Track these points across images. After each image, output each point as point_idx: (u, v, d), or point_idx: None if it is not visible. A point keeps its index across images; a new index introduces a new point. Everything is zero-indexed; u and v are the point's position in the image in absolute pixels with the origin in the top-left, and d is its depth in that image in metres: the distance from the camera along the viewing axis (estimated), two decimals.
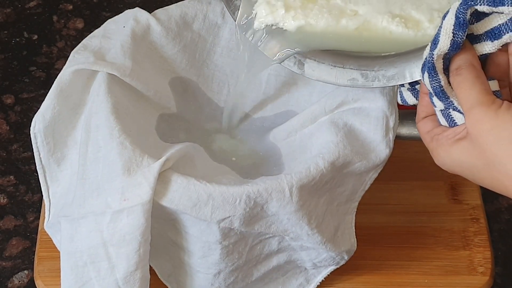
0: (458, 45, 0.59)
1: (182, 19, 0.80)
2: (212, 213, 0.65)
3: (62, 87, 0.72)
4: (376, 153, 0.70)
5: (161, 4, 0.81)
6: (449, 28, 0.58)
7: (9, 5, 1.10)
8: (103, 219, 0.66)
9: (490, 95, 0.57)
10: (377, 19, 0.67)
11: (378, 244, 0.77)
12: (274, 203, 0.65)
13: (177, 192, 0.65)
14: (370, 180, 0.72)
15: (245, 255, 0.69)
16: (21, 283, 0.84)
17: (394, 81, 0.66)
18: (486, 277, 0.79)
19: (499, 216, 0.90)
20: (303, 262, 0.73)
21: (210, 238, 0.67)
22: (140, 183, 0.65)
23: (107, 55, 0.75)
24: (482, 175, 0.58)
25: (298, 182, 0.66)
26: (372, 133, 0.71)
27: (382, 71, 0.67)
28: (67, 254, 0.69)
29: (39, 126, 0.73)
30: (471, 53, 0.60)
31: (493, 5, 0.57)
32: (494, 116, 0.56)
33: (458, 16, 0.58)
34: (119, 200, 0.65)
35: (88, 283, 0.68)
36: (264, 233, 0.68)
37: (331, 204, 0.70)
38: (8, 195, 0.91)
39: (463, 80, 0.58)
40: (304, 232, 0.68)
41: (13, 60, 1.04)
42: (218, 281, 0.71)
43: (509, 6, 0.57)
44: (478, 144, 0.57)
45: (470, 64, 0.59)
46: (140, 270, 0.66)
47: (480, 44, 0.60)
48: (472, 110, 0.57)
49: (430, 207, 0.84)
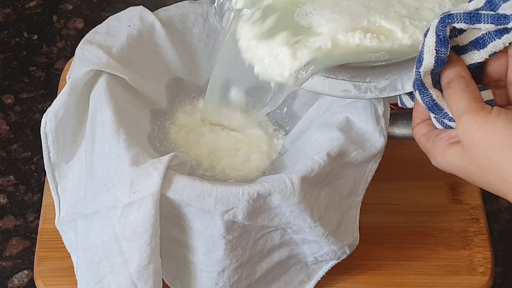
0: (443, 61, 0.59)
1: (182, 23, 0.80)
2: (216, 204, 0.65)
3: (75, 86, 0.72)
4: (371, 142, 0.71)
5: (161, 4, 0.81)
6: (431, 46, 0.59)
7: (9, 5, 1.10)
8: (115, 214, 0.66)
9: (478, 103, 0.57)
10: (348, 37, 0.66)
11: (378, 244, 0.77)
12: (277, 196, 0.66)
13: (181, 182, 0.66)
14: (371, 171, 0.72)
15: (248, 250, 0.70)
16: (21, 283, 0.84)
17: (386, 93, 0.67)
18: (486, 277, 0.79)
19: (499, 216, 0.90)
20: (304, 256, 0.73)
21: (214, 232, 0.67)
22: (150, 173, 0.65)
23: (111, 53, 0.75)
24: (477, 179, 0.58)
25: (298, 173, 0.67)
26: (363, 124, 0.71)
27: (373, 82, 0.67)
28: (83, 250, 0.69)
29: (50, 126, 0.73)
30: (459, 65, 0.60)
31: (469, 22, 0.58)
32: (484, 123, 0.56)
33: (438, 34, 0.59)
34: (129, 193, 0.66)
35: (104, 279, 0.69)
36: (267, 226, 0.68)
37: (332, 197, 0.70)
38: (8, 195, 0.91)
39: (453, 92, 0.59)
40: (306, 225, 0.68)
41: (13, 60, 1.04)
42: (223, 280, 0.71)
43: (486, 23, 0.58)
44: (471, 150, 0.57)
45: (459, 75, 0.60)
46: (153, 264, 0.67)
47: (467, 55, 0.61)
48: (461, 118, 0.57)
49: (430, 207, 0.84)
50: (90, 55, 0.74)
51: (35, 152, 0.95)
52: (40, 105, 0.99)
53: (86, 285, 0.70)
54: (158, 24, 0.78)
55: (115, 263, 0.67)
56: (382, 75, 0.67)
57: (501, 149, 0.55)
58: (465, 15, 0.58)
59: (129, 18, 0.78)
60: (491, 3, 0.59)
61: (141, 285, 0.67)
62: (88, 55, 0.74)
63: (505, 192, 0.56)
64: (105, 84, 0.73)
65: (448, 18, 0.58)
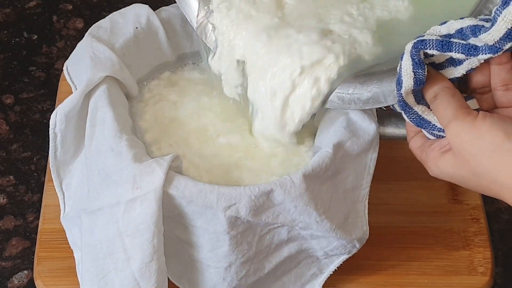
0: (421, 81, 0.61)
1: (182, 27, 0.80)
2: (218, 199, 0.65)
3: (88, 88, 0.73)
4: (363, 130, 0.71)
5: (161, 4, 0.81)
6: (408, 69, 0.61)
7: (8, 5, 1.10)
8: (118, 210, 0.67)
9: (465, 109, 0.59)
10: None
11: (378, 244, 0.77)
12: (279, 190, 0.66)
13: (183, 179, 0.66)
14: (372, 161, 0.72)
15: (254, 246, 0.69)
16: (21, 283, 0.84)
17: (370, 104, 0.68)
18: (486, 277, 0.79)
19: (499, 216, 0.90)
20: (314, 251, 0.73)
21: (217, 228, 0.67)
22: (153, 169, 0.66)
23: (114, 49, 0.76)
24: (472, 184, 0.59)
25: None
26: (352, 114, 0.72)
27: (356, 94, 0.68)
28: (88, 246, 0.70)
29: (60, 126, 0.73)
30: (441, 78, 0.62)
31: (441, 50, 0.60)
32: (471, 128, 0.57)
33: (413, 58, 0.60)
34: (132, 189, 0.66)
35: (108, 275, 0.69)
36: (273, 223, 0.68)
37: (335, 191, 0.70)
38: (7, 195, 0.91)
39: (440, 102, 0.61)
40: (313, 220, 0.68)
41: (12, 60, 1.04)
42: (230, 275, 0.70)
43: (457, 53, 0.59)
44: (461, 156, 0.58)
45: (443, 87, 0.61)
46: (155, 262, 0.67)
47: (445, 71, 0.62)
48: (449, 125, 0.59)
49: (430, 207, 0.85)
50: (102, 56, 0.74)
51: (35, 152, 0.95)
52: (40, 105, 0.99)
53: (90, 281, 0.70)
54: (159, 24, 0.78)
55: (118, 259, 0.68)
56: (364, 87, 0.68)
57: (489, 152, 0.56)
58: (437, 43, 0.60)
59: (134, 16, 0.78)
60: (462, 34, 0.60)
61: (144, 282, 0.67)
62: (101, 56, 0.74)
63: (500, 194, 0.57)
64: (106, 84, 0.73)
65: (421, 44, 0.60)
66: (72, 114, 0.73)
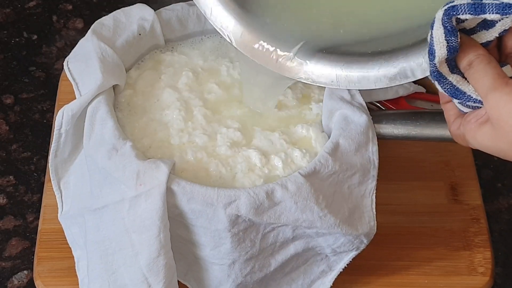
0: (455, 49, 0.59)
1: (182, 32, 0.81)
2: (218, 196, 0.66)
3: (97, 92, 0.73)
4: (355, 122, 0.71)
5: (161, 4, 0.81)
6: (440, 37, 0.59)
7: (8, 5, 1.10)
8: (123, 207, 0.67)
9: (503, 78, 0.57)
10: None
11: (378, 245, 0.77)
12: (278, 188, 0.67)
13: (183, 175, 0.67)
14: (374, 155, 0.72)
15: (258, 243, 0.69)
16: (21, 284, 0.84)
17: (397, 81, 0.67)
18: (486, 277, 0.79)
19: (499, 217, 0.90)
20: (322, 248, 0.72)
21: (218, 226, 0.67)
22: (158, 165, 0.67)
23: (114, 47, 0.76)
24: (510, 156, 0.58)
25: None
26: (338, 105, 0.72)
27: (383, 71, 0.67)
28: (95, 243, 0.70)
29: (66, 128, 0.74)
30: (475, 45, 0.60)
31: (474, 13, 0.58)
32: (510, 98, 0.56)
33: (445, 25, 0.58)
34: (135, 186, 0.66)
35: (118, 270, 0.69)
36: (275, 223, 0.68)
37: (340, 186, 0.70)
38: (7, 195, 0.91)
39: (475, 71, 0.59)
40: (315, 216, 0.67)
41: (12, 60, 1.04)
42: (235, 272, 0.71)
43: (491, 13, 0.57)
44: (500, 127, 0.57)
45: (478, 54, 0.59)
46: (163, 257, 0.67)
47: (476, 35, 0.60)
48: (488, 96, 0.57)
49: (430, 207, 0.84)
50: (111, 60, 0.75)
51: (35, 152, 0.95)
52: (40, 105, 0.99)
53: (99, 277, 0.70)
54: (158, 25, 0.79)
55: (126, 255, 0.68)
56: (390, 63, 0.67)
57: None
58: (469, 6, 0.57)
59: (138, 19, 0.78)
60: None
61: (152, 278, 0.67)
62: (109, 60, 0.75)
63: None
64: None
65: (452, 10, 0.58)
66: (78, 115, 0.73)
